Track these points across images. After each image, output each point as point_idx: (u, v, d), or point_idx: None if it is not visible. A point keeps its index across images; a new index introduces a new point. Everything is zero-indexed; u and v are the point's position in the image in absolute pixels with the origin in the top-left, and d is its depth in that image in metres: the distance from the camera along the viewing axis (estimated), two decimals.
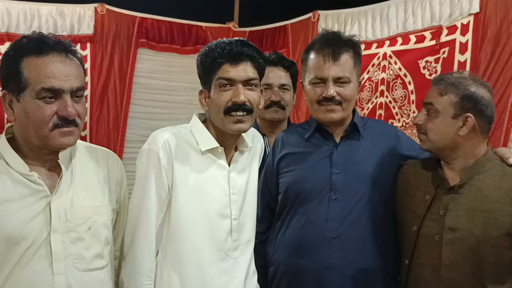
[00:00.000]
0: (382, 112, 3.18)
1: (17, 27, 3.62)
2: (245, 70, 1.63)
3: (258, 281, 1.91)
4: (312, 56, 1.91)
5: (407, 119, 3.09)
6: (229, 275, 1.70)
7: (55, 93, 1.43)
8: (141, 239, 1.64)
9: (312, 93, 1.91)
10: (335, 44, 1.87)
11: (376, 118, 3.15)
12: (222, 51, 1.62)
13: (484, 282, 1.62)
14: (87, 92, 3.89)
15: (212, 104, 1.67)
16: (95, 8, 3.85)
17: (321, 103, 1.87)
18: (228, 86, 1.63)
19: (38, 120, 1.42)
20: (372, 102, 3.26)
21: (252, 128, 1.83)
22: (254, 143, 1.87)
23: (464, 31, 2.75)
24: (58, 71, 1.43)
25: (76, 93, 1.47)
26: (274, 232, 2.00)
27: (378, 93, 3.23)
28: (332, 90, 1.84)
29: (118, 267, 1.71)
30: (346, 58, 1.86)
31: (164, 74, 4.23)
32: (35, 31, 1.49)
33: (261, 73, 1.71)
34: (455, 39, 2.79)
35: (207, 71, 1.66)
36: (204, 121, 1.77)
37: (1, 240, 1.40)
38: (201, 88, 1.75)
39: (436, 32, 2.89)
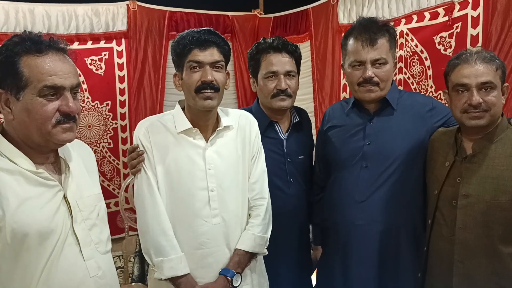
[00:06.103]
0: (401, 88, 3.26)
1: (57, 28, 3.78)
2: (212, 54, 1.84)
3: (317, 233, 2.30)
4: (351, 41, 2.07)
5: (425, 94, 3.15)
6: (207, 237, 1.88)
7: (56, 90, 1.43)
8: (150, 210, 1.87)
9: (352, 76, 2.08)
10: (372, 29, 2.02)
11: None
12: (191, 38, 1.84)
13: (494, 242, 1.74)
14: (125, 84, 4.09)
15: (184, 84, 1.88)
16: (127, 5, 3.99)
17: (361, 84, 2.05)
18: (197, 68, 1.84)
19: (41, 117, 1.42)
20: None
21: (242, 111, 2.06)
22: (241, 123, 2.01)
23: (475, 6, 2.79)
24: (59, 69, 1.43)
25: (74, 90, 1.49)
26: (325, 193, 2.25)
27: (397, 70, 3.29)
28: (370, 72, 2.01)
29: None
30: (382, 42, 2.02)
31: None
32: (26, 31, 1.47)
33: (226, 58, 1.92)
34: (467, 14, 2.84)
35: (179, 56, 1.87)
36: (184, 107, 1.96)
37: (35, 236, 1.41)
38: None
39: (449, 8, 2.95)
